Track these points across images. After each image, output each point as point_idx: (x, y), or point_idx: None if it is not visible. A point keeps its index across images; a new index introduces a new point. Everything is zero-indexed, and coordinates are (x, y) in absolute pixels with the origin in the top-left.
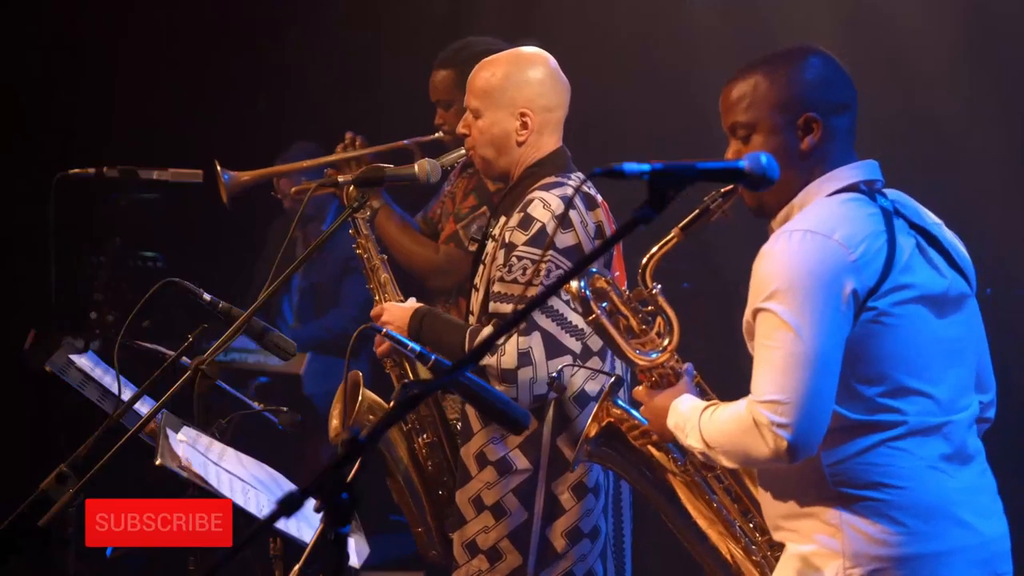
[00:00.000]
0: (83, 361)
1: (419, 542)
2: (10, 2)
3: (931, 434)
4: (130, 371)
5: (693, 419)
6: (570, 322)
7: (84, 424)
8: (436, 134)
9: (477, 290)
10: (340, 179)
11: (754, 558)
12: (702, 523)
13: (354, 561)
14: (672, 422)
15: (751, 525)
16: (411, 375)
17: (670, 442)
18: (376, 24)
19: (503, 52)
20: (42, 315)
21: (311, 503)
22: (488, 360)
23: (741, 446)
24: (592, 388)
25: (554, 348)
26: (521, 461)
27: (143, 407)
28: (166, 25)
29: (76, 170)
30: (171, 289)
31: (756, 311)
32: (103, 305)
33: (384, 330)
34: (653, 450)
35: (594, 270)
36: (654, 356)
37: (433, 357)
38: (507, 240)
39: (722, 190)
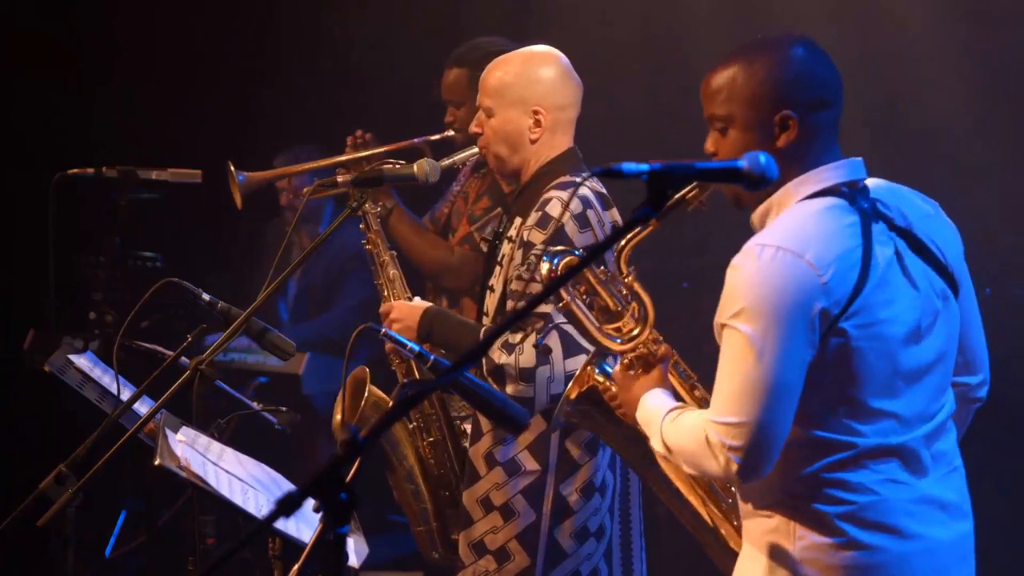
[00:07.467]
0: (82, 361)
1: (420, 542)
2: (10, 2)
3: (890, 452)
4: (129, 371)
5: (656, 421)
6: None
7: (83, 424)
8: (447, 132)
9: (493, 291)
10: (339, 180)
11: (734, 523)
12: (682, 487)
13: (353, 561)
14: (640, 416)
15: (732, 488)
16: (416, 374)
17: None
18: (375, 25)
19: (515, 51)
20: (41, 315)
21: (310, 503)
22: (506, 359)
23: (696, 459)
24: None
25: (571, 347)
26: (530, 462)
27: (142, 407)
28: (166, 25)
29: (76, 170)
30: (170, 289)
31: (722, 326)
32: (102, 305)
33: (383, 330)
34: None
35: (578, 251)
36: (621, 342)
37: (432, 357)
38: (525, 239)
39: (696, 182)
